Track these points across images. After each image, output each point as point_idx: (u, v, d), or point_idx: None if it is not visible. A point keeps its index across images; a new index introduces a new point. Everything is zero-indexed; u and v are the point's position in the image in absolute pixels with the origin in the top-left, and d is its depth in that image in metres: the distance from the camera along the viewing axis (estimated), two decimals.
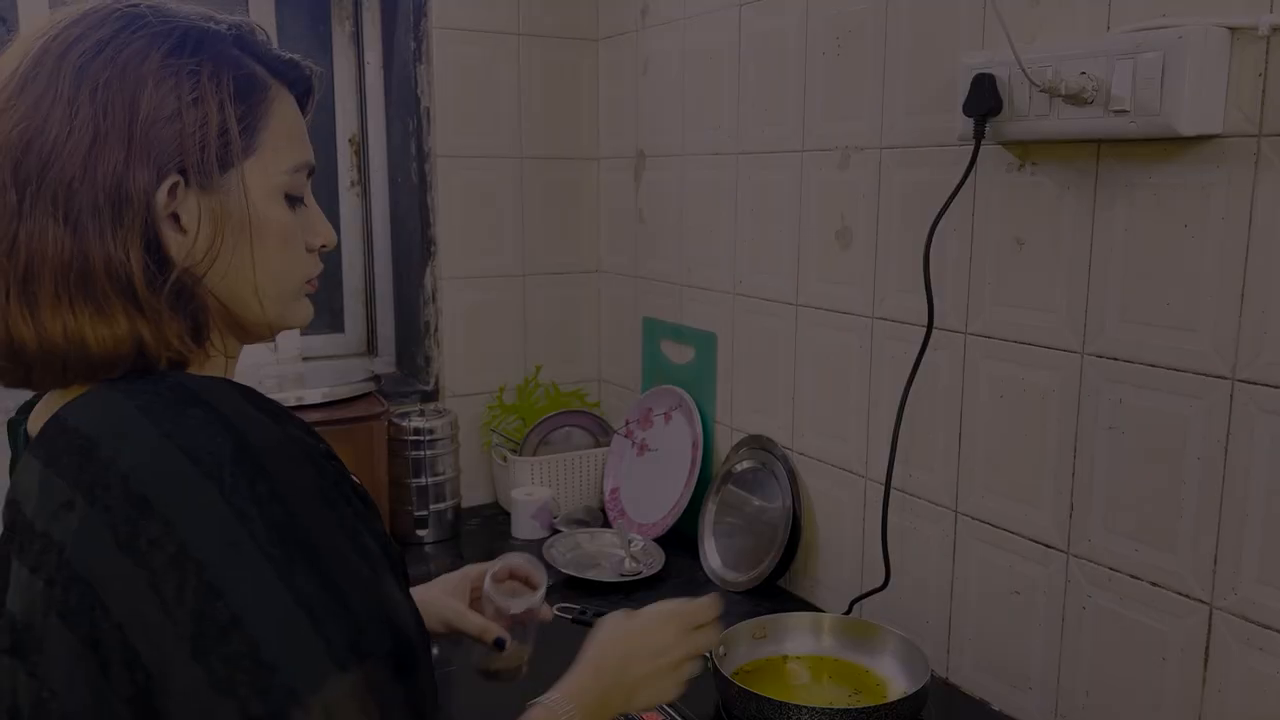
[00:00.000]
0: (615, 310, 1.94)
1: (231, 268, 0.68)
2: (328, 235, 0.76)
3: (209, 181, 0.66)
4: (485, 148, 1.83)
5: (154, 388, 0.64)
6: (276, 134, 0.70)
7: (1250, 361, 0.91)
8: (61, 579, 0.60)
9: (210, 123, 0.65)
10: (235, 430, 0.62)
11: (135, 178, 0.63)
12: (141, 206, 0.63)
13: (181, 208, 0.65)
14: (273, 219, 0.70)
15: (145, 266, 0.64)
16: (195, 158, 0.65)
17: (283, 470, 0.62)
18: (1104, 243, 1.03)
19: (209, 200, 0.66)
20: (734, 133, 1.55)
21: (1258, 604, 0.92)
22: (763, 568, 1.47)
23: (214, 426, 0.61)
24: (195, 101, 0.65)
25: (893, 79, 1.26)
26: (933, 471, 1.25)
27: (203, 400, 0.63)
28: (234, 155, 0.67)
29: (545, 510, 1.72)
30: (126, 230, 0.63)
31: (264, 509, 0.60)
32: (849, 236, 1.35)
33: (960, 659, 1.24)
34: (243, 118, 0.67)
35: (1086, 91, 0.97)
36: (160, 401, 0.63)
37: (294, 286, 0.74)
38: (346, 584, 0.61)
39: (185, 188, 0.65)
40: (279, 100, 0.71)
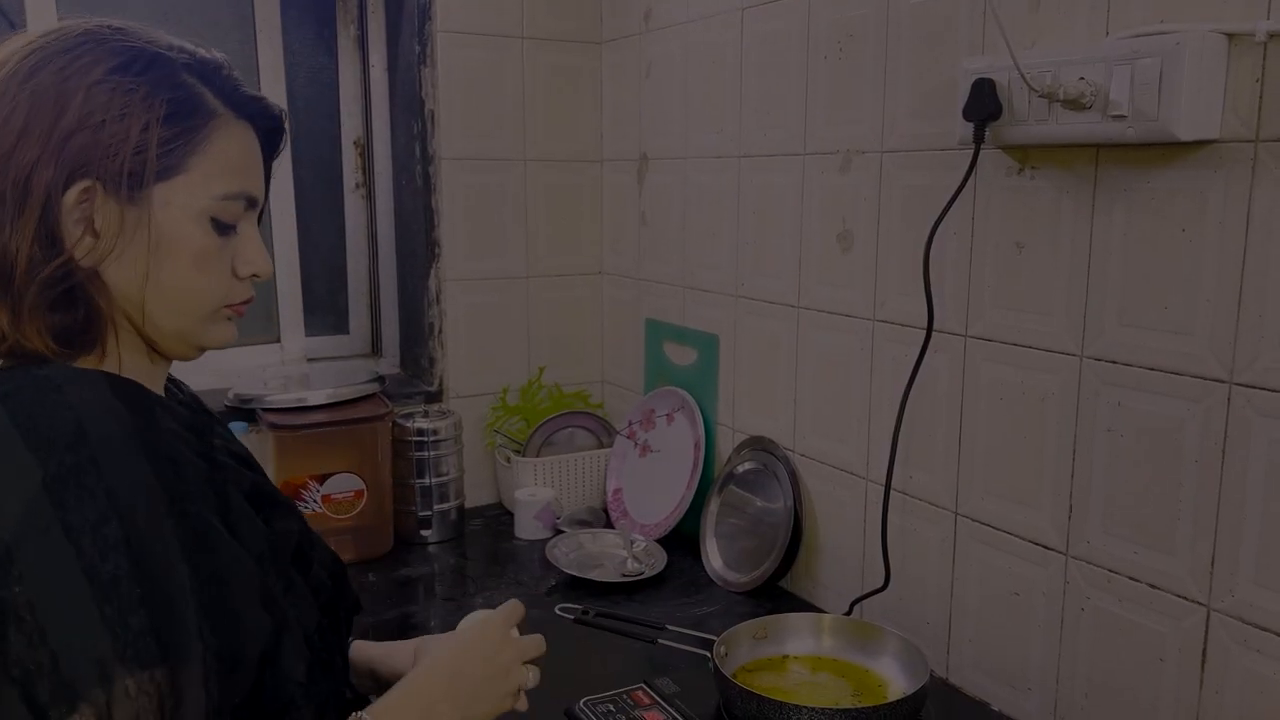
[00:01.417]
0: (618, 312, 1.95)
1: (130, 276, 0.71)
2: (260, 265, 0.78)
3: (122, 192, 0.69)
4: (489, 150, 1.84)
5: (23, 377, 0.67)
6: (212, 161, 0.72)
7: (1247, 365, 0.92)
8: None
9: (129, 139, 0.68)
10: (79, 418, 0.64)
11: (40, 175, 0.67)
12: (40, 201, 0.67)
13: (98, 212, 0.69)
14: (188, 239, 0.72)
15: (32, 257, 0.67)
16: (107, 168, 0.68)
17: (118, 463, 0.64)
18: (1102, 247, 1.04)
19: (121, 209, 0.69)
20: (736, 136, 1.56)
21: (1255, 606, 0.93)
22: (764, 568, 1.47)
23: (61, 413, 0.64)
24: (121, 117, 0.68)
25: (894, 83, 1.26)
26: (933, 473, 1.26)
27: (63, 390, 0.66)
28: (148, 173, 0.69)
29: (548, 511, 1.73)
30: (23, 221, 0.67)
31: (85, 498, 0.61)
32: (850, 239, 1.36)
33: (960, 660, 1.25)
34: (170, 140, 0.70)
35: (1085, 97, 0.97)
36: (21, 390, 0.66)
37: (206, 307, 0.75)
38: (162, 584, 0.62)
39: (104, 194, 0.68)
40: (223, 130, 0.73)
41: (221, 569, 0.67)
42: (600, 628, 1.37)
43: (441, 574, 1.62)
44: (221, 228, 0.74)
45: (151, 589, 0.62)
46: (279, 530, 0.78)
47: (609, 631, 1.36)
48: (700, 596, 1.50)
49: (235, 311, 0.78)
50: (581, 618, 1.39)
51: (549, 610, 1.42)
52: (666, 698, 1.16)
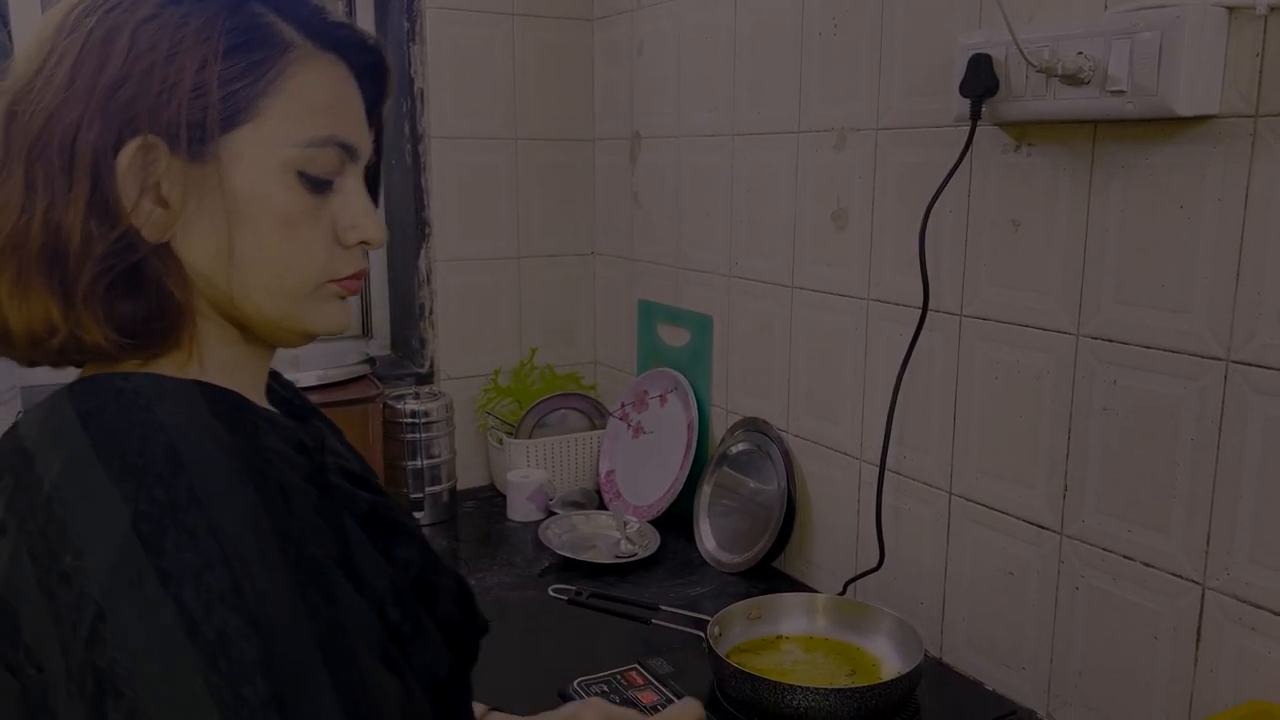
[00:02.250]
0: (611, 293, 1.94)
1: (206, 249, 0.60)
2: (369, 230, 0.65)
3: (182, 146, 0.58)
4: (480, 129, 1.82)
5: (105, 391, 0.57)
6: (290, 101, 0.60)
7: (1245, 343, 0.91)
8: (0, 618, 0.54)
9: (182, 82, 0.57)
10: (173, 443, 0.53)
11: (86, 135, 0.56)
12: (89, 166, 0.56)
13: (163, 175, 0.58)
14: (269, 199, 0.60)
15: (86, 234, 0.57)
16: (164, 119, 0.57)
17: (220, 496, 0.53)
18: (1099, 224, 1.03)
19: (187, 168, 0.58)
20: (729, 114, 1.55)
21: (1250, 584, 0.93)
22: (758, 549, 1.47)
23: (151, 439, 0.54)
24: (170, 57, 0.57)
25: (889, 59, 1.25)
26: (927, 453, 1.26)
27: (153, 408, 0.56)
28: (211, 122, 0.58)
29: (541, 492, 1.73)
30: (74, 192, 0.56)
31: (183, 540, 0.51)
32: (845, 218, 1.35)
33: (954, 639, 1.25)
34: (234, 79, 0.59)
35: (1083, 72, 0.96)
36: (105, 408, 0.56)
37: (302, 283, 0.63)
38: (281, 641, 0.51)
39: (167, 152, 0.58)
40: (302, 65, 0.61)
41: (345, 622, 0.55)
42: (593, 609, 1.37)
43: None
44: (314, 184, 0.62)
45: (269, 648, 0.50)
46: (399, 560, 0.66)
47: (602, 613, 1.36)
48: (694, 577, 1.50)
49: (345, 288, 0.65)
50: (575, 599, 1.39)
51: (542, 592, 1.41)
52: (660, 678, 1.16)
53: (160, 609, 0.49)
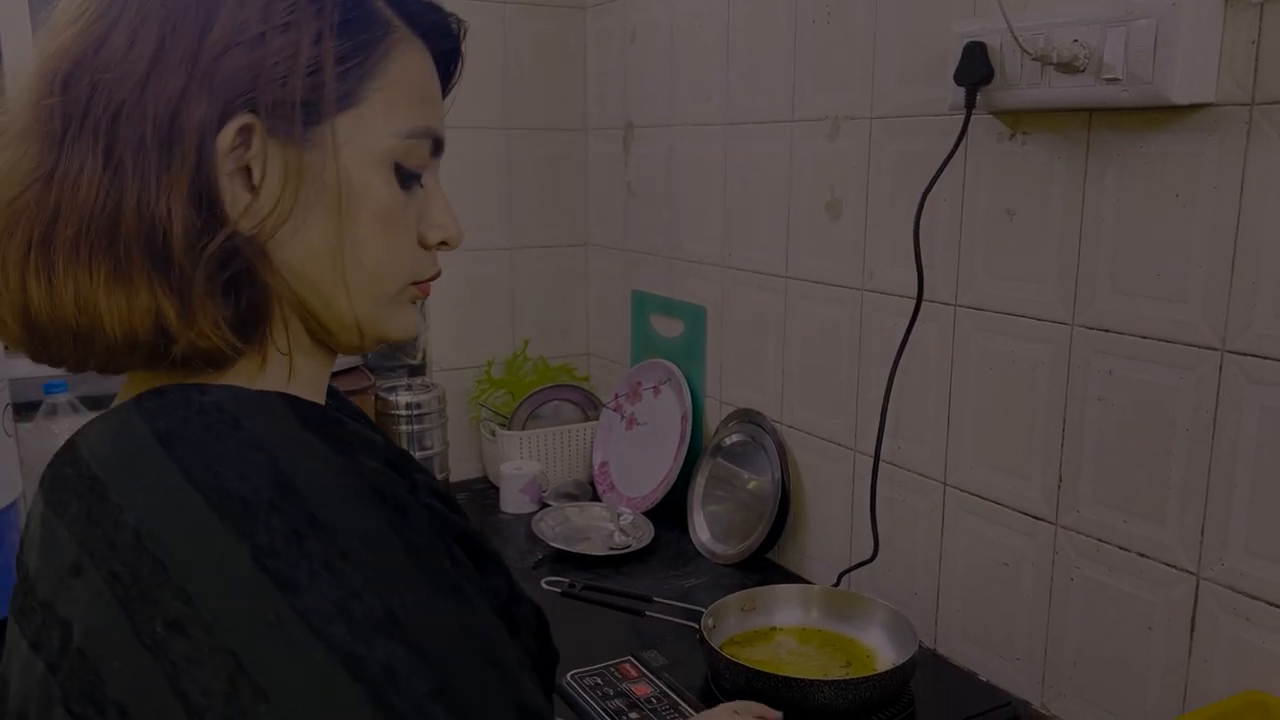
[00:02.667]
0: (604, 284, 1.93)
1: (307, 243, 0.54)
2: (452, 230, 0.61)
3: (290, 129, 0.52)
4: (472, 119, 1.80)
5: (184, 407, 0.51)
6: (394, 87, 0.56)
7: (1240, 333, 0.91)
8: (68, 666, 0.47)
9: (299, 55, 0.52)
10: (278, 466, 0.48)
11: (191, 110, 0.50)
12: (194, 146, 0.50)
13: (255, 159, 0.52)
14: (372, 192, 0.55)
15: (189, 224, 0.50)
16: (273, 95, 0.51)
17: (342, 517, 0.47)
18: (1094, 213, 1.02)
19: (289, 153, 0.52)
20: (723, 103, 1.54)
21: (1244, 574, 0.93)
22: (751, 540, 1.47)
23: (251, 462, 0.48)
24: (285, 27, 0.52)
25: (883, 47, 1.24)
26: (922, 444, 1.25)
27: (243, 425, 0.50)
28: (325, 100, 0.53)
29: (534, 484, 1.72)
30: (173, 175, 0.50)
31: (318, 572, 0.45)
32: (839, 208, 1.34)
33: (948, 630, 1.25)
34: (345, 57, 0.54)
35: (1079, 60, 0.96)
36: (187, 426, 0.50)
37: (392, 285, 0.58)
38: (450, 665, 0.46)
39: (263, 134, 0.52)
40: (404, 49, 0.57)
41: (499, 638, 0.51)
42: (587, 601, 1.36)
43: None
44: (406, 178, 0.57)
45: (442, 676, 0.46)
46: (489, 589, 0.60)
47: (596, 605, 1.35)
48: (687, 569, 1.49)
49: (422, 291, 0.61)
50: (568, 591, 1.39)
51: (535, 585, 1.41)
52: (654, 670, 1.15)
53: (312, 652, 0.44)
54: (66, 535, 0.49)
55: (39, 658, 0.49)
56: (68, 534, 0.49)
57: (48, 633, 0.49)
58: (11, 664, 0.53)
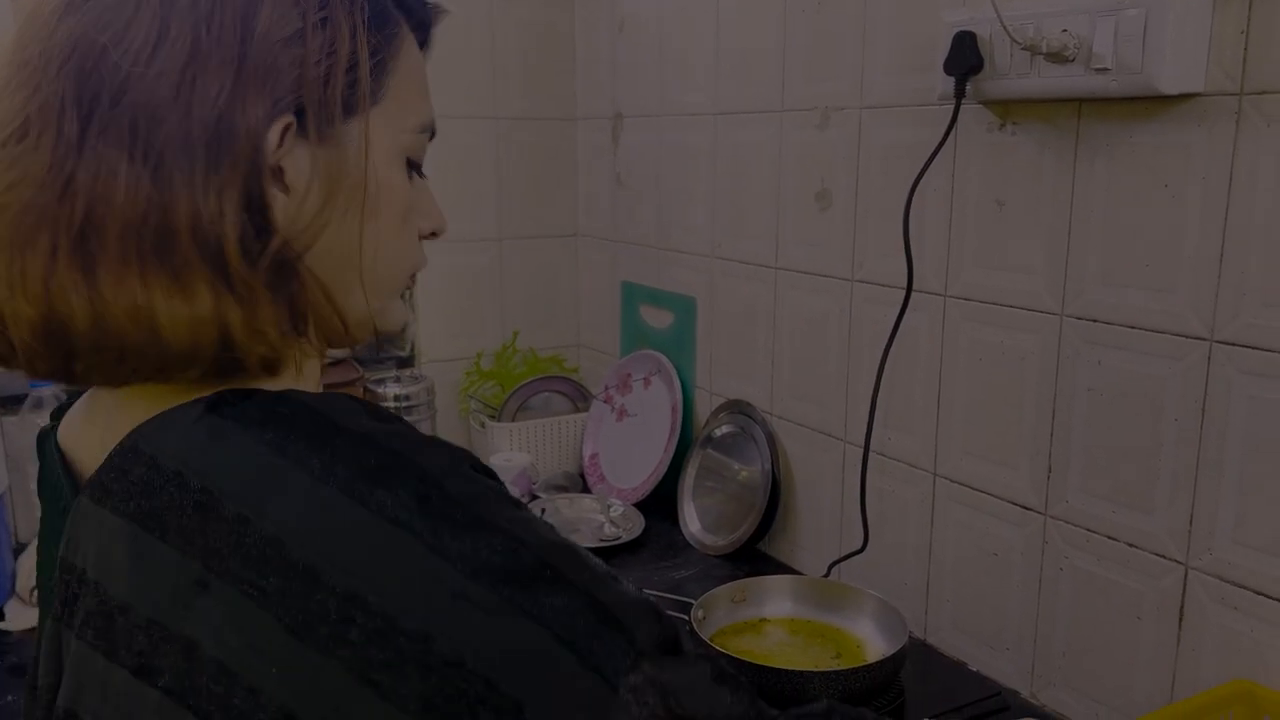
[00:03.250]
0: (594, 275, 1.92)
1: (339, 243, 0.53)
2: (440, 220, 0.61)
3: (329, 128, 0.51)
4: (459, 108, 1.79)
5: (272, 410, 0.49)
6: (405, 81, 0.56)
7: (1228, 322, 0.91)
8: (202, 686, 0.46)
9: (340, 51, 0.51)
10: (402, 457, 0.48)
11: (246, 111, 0.48)
12: (248, 150, 0.48)
13: (288, 159, 0.50)
14: (393, 187, 0.56)
15: (243, 231, 0.48)
16: (317, 94, 0.50)
17: (473, 492, 0.49)
18: (1084, 203, 1.02)
19: (323, 152, 0.51)
20: (712, 93, 1.53)
21: (1232, 564, 0.93)
22: (742, 531, 1.47)
23: (372, 453, 0.48)
24: (323, 22, 0.50)
25: (873, 37, 1.24)
26: (911, 434, 1.25)
27: (341, 425, 0.49)
28: (361, 97, 0.52)
29: (524, 476, 1.72)
30: (224, 179, 0.48)
31: (476, 544, 0.47)
32: (829, 198, 1.34)
33: (938, 620, 1.25)
34: (375, 51, 0.53)
35: (1068, 49, 0.95)
36: (290, 431, 0.48)
37: (403, 278, 0.59)
38: (599, 592, 0.49)
39: (296, 133, 0.50)
40: (408, 42, 0.57)
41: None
42: None
43: None
44: (413, 171, 0.58)
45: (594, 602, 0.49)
46: None
47: None
48: (678, 560, 1.49)
49: (412, 283, 0.61)
50: None
51: None
52: None
53: (499, 609, 0.46)
54: (173, 553, 0.47)
55: (150, 684, 0.47)
56: (174, 551, 0.47)
57: (164, 656, 0.47)
58: (83, 692, 0.50)
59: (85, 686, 0.50)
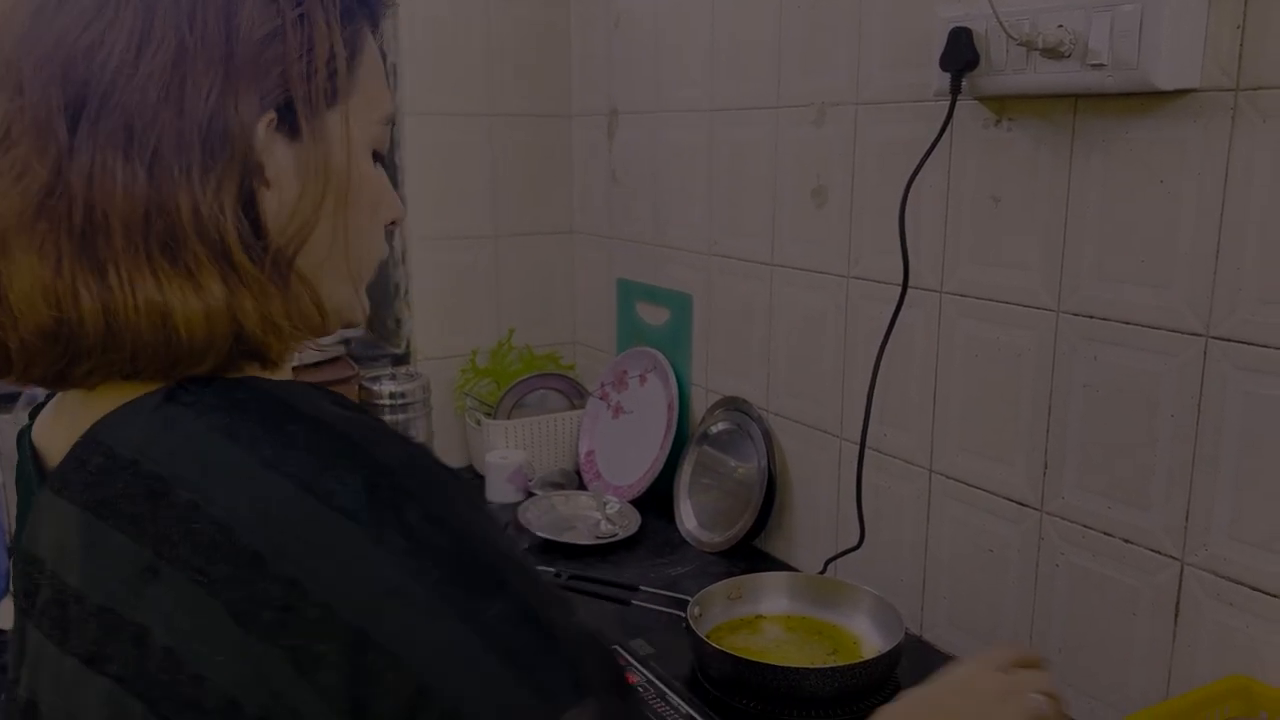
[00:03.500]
0: (589, 272, 1.92)
1: (324, 235, 0.54)
2: (399, 209, 0.61)
3: (310, 123, 0.52)
4: (454, 105, 1.79)
5: (228, 397, 0.49)
6: (371, 74, 0.56)
7: (1224, 318, 0.91)
8: (152, 672, 0.45)
9: (319, 46, 0.51)
10: (357, 447, 0.48)
11: (238, 109, 0.49)
12: (242, 148, 0.49)
13: (267, 154, 0.51)
14: (367, 178, 0.56)
15: (239, 226, 0.49)
16: (301, 89, 0.51)
17: (427, 488, 0.48)
18: (1080, 199, 1.02)
19: (304, 149, 0.52)
20: (708, 89, 1.53)
21: (1228, 560, 0.93)
22: (738, 528, 1.47)
23: (325, 442, 0.47)
24: (301, 19, 0.51)
25: (868, 33, 1.24)
26: (907, 431, 1.25)
27: (302, 412, 0.49)
28: (340, 91, 0.53)
29: (520, 473, 1.72)
30: (219, 176, 0.48)
31: (423, 541, 0.46)
32: (824, 195, 1.34)
33: (934, 617, 1.25)
34: (347, 44, 0.54)
35: (1064, 45, 0.95)
36: (245, 417, 0.48)
37: (372, 267, 0.59)
38: (545, 610, 0.48)
39: (275, 130, 0.51)
40: (370, 37, 0.58)
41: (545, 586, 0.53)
42: (574, 590, 1.36)
43: None
44: (376, 161, 0.59)
45: (540, 621, 0.48)
46: None
47: (582, 594, 1.35)
48: (674, 557, 1.49)
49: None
50: (555, 580, 1.38)
51: None
52: (641, 659, 1.15)
53: (437, 611, 0.45)
54: (125, 540, 0.46)
55: (99, 672, 0.47)
56: (126, 539, 0.46)
57: (115, 644, 0.46)
58: (39, 681, 0.50)
59: (42, 677, 0.50)
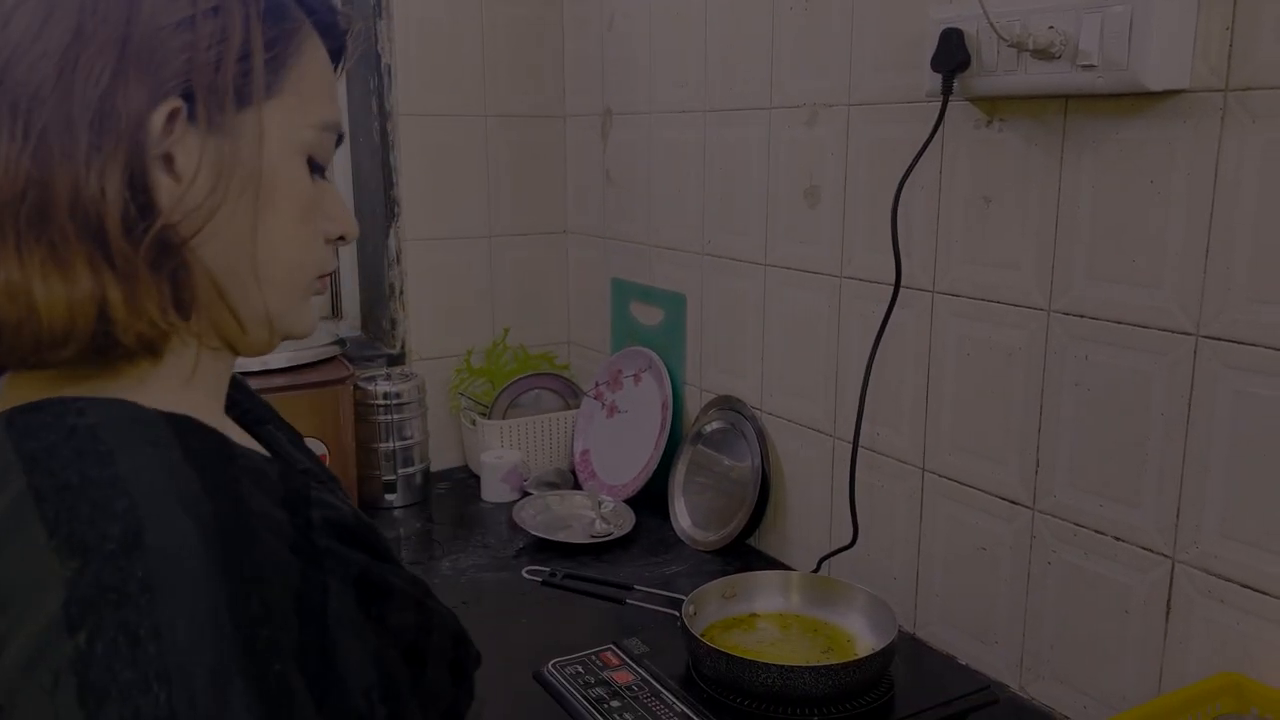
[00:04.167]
0: (584, 272, 1.92)
1: (230, 233, 0.53)
2: (349, 224, 0.61)
3: (219, 116, 0.51)
4: (449, 106, 1.79)
5: (57, 430, 0.47)
6: (306, 79, 0.56)
7: (1214, 317, 0.92)
8: None
9: (231, 39, 0.51)
10: (133, 508, 0.44)
11: (126, 93, 0.49)
12: (131, 131, 0.49)
13: (178, 144, 0.51)
14: (292, 181, 0.56)
15: (125, 209, 0.48)
16: (206, 80, 0.51)
17: (180, 592, 0.43)
18: (1070, 199, 1.03)
19: (215, 141, 0.52)
20: (702, 90, 1.53)
21: (1219, 557, 0.94)
22: (732, 527, 1.47)
23: (108, 505, 0.44)
24: (214, 11, 0.51)
25: (861, 34, 1.24)
26: (900, 430, 1.26)
27: (115, 460, 0.46)
28: (255, 87, 0.52)
29: (515, 473, 1.72)
30: (105, 159, 0.48)
31: (120, 645, 0.41)
32: (817, 195, 1.34)
33: (927, 615, 1.25)
34: (271, 43, 0.54)
35: (1054, 46, 0.96)
36: (55, 453, 0.47)
37: (304, 278, 0.58)
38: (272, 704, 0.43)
39: (187, 119, 0.51)
40: (310, 41, 0.58)
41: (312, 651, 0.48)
42: (568, 589, 1.36)
43: (408, 538, 1.60)
44: (316, 170, 0.58)
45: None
46: (393, 629, 0.56)
47: (577, 593, 1.35)
48: (668, 556, 1.49)
49: (323, 285, 0.61)
50: (549, 580, 1.39)
51: (516, 574, 1.41)
52: (636, 658, 1.15)
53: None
54: None
55: None
56: None
57: None
58: None
59: None
